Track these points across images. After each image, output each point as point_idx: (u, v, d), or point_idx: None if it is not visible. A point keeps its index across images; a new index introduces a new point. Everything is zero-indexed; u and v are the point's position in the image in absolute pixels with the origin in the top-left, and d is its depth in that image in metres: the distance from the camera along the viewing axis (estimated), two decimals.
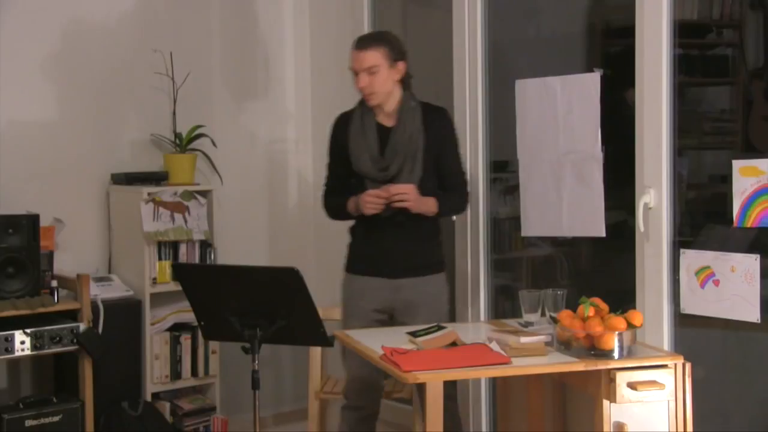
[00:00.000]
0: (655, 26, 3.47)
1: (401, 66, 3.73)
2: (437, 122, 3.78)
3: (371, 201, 3.64)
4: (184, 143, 4.73)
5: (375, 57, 3.68)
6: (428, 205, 3.70)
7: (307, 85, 5.37)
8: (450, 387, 3.77)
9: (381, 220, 3.68)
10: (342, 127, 3.85)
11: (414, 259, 3.74)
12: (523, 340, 3.08)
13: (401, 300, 3.74)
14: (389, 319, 3.80)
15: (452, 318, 4.15)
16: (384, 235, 3.73)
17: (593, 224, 3.73)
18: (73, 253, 4.57)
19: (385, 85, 3.70)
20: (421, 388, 2.98)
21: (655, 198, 3.50)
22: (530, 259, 4.47)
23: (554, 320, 3.21)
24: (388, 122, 3.76)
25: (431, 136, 3.73)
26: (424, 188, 3.69)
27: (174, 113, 4.76)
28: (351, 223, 3.88)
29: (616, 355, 2.98)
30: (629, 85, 3.61)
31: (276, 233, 5.31)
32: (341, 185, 3.83)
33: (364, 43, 3.75)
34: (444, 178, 3.80)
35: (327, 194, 3.92)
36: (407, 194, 3.61)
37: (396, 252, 3.73)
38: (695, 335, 3.56)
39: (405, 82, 3.77)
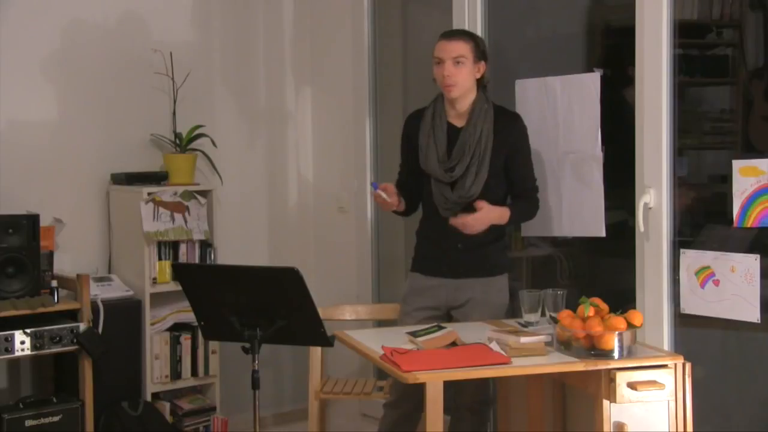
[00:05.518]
0: (655, 26, 3.47)
1: (482, 66, 3.72)
2: (509, 127, 3.73)
3: (379, 200, 3.70)
4: (184, 143, 4.73)
5: (463, 48, 3.68)
6: (497, 218, 3.67)
7: (307, 85, 5.38)
8: (483, 390, 3.79)
9: (445, 221, 3.68)
10: (413, 123, 3.84)
11: (474, 260, 3.73)
12: (523, 340, 3.08)
13: (459, 300, 3.75)
14: (446, 316, 3.81)
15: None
16: (446, 236, 3.71)
17: (593, 224, 3.73)
18: (73, 253, 4.57)
19: (467, 79, 3.68)
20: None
21: (655, 198, 3.50)
22: (530, 259, 4.47)
23: (554, 320, 3.21)
24: (459, 122, 3.74)
25: (501, 140, 3.69)
26: (490, 192, 3.68)
27: (174, 113, 4.76)
28: (416, 225, 3.90)
29: (616, 355, 2.98)
30: (628, 84, 3.62)
31: (276, 233, 5.30)
32: (411, 181, 3.84)
33: (452, 33, 3.77)
34: (513, 185, 3.77)
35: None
36: (467, 226, 3.60)
37: (456, 252, 3.72)
38: (695, 335, 3.56)
39: (482, 84, 3.76)
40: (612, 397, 2.94)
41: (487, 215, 3.62)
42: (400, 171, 3.95)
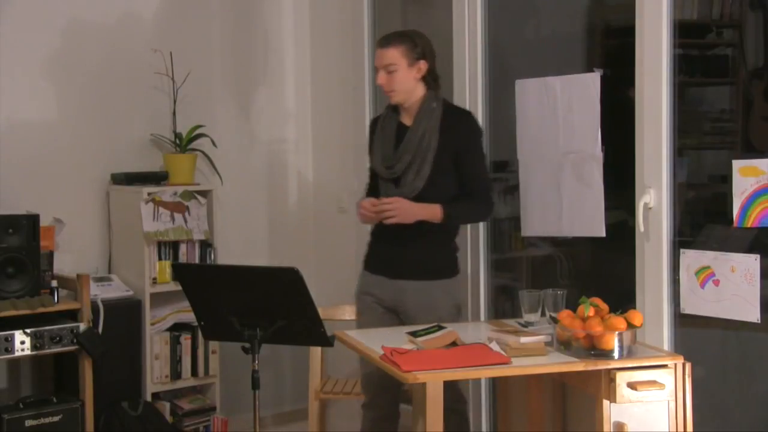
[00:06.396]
0: (655, 26, 3.47)
1: (422, 65, 3.71)
2: (456, 125, 3.72)
3: (363, 212, 3.67)
4: (184, 143, 4.73)
5: (393, 55, 3.69)
6: (428, 213, 3.65)
7: (307, 84, 5.38)
8: (457, 390, 3.78)
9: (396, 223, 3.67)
10: (373, 127, 3.90)
11: (419, 263, 3.72)
12: (523, 340, 3.08)
13: (404, 302, 3.74)
14: (397, 317, 3.80)
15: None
16: (395, 237, 3.70)
17: (593, 224, 3.73)
18: (73, 253, 4.57)
19: (403, 84, 3.69)
20: (418, 388, 2.98)
21: (655, 198, 3.50)
22: (530, 259, 4.47)
23: (554, 320, 3.21)
24: (409, 122, 3.76)
25: (448, 138, 3.69)
26: (436, 189, 3.67)
27: (174, 113, 4.76)
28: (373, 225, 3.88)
29: (616, 355, 2.98)
30: (628, 84, 3.62)
31: (276, 233, 5.31)
32: (377, 185, 3.85)
33: (384, 40, 3.76)
34: (464, 183, 3.74)
35: (366, 194, 3.93)
36: (391, 209, 3.60)
37: (402, 254, 3.72)
38: (695, 335, 3.56)
39: (429, 81, 3.75)
40: (612, 397, 2.94)
41: (402, 205, 3.59)
42: (369, 177, 3.95)
